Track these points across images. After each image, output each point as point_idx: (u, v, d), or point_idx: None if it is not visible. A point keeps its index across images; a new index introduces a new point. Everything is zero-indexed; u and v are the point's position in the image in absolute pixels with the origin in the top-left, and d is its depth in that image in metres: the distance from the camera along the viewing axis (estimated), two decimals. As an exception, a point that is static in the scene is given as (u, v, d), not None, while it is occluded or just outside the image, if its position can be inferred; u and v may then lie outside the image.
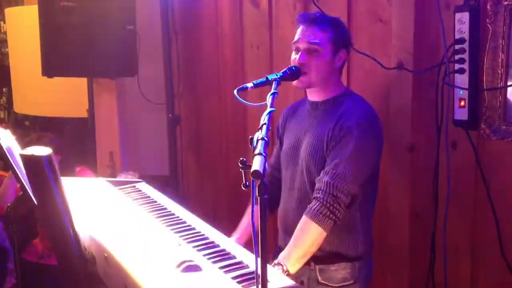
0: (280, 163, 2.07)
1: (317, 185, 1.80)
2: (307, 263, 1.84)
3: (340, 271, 1.88)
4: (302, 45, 1.87)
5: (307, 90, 1.97)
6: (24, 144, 2.86)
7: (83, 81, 3.48)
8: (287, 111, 2.12)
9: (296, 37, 1.90)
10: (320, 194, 1.77)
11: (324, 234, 1.76)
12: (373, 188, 1.96)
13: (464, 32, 1.95)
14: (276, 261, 1.71)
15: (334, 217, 1.75)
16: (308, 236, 1.76)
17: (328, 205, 1.74)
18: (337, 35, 1.88)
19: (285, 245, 1.87)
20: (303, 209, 1.84)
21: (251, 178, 1.19)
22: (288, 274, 1.68)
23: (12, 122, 5.39)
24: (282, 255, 1.75)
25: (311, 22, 1.87)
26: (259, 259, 1.22)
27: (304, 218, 1.77)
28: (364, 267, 1.93)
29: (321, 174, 1.81)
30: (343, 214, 1.78)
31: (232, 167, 3.35)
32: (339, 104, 1.90)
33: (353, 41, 2.03)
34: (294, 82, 1.88)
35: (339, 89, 1.95)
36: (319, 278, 1.89)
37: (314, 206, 1.76)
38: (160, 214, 1.85)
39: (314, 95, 1.96)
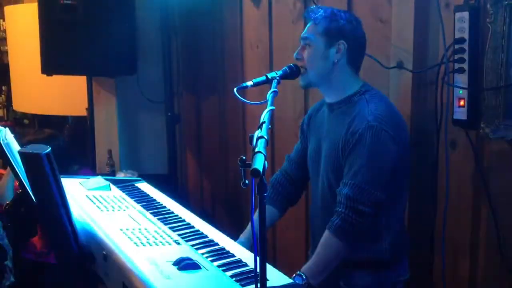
0: (299, 158, 2.06)
1: (338, 198, 1.74)
2: None
3: (363, 278, 1.82)
4: (300, 42, 1.87)
5: (320, 90, 1.92)
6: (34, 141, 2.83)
7: (82, 80, 3.47)
8: (312, 110, 2.05)
9: None
10: (341, 208, 1.71)
11: (347, 247, 1.72)
12: (399, 191, 1.85)
13: (464, 32, 1.95)
14: (298, 272, 1.70)
15: (356, 231, 1.70)
16: (330, 251, 1.73)
17: (350, 219, 1.69)
18: (329, 26, 1.79)
19: (311, 248, 1.90)
20: (326, 215, 1.80)
21: (251, 176, 1.19)
22: (309, 285, 1.66)
23: (11, 120, 5.39)
24: (304, 266, 1.73)
25: (307, 17, 1.87)
26: (258, 258, 1.22)
27: (326, 232, 1.74)
28: (392, 275, 1.85)
29: (341, 186, 1.74)
30: (367, 226, 1.71)
31: (231, 165, 3.35)
32: (353, 104, 1.80)
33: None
34: (299, 82, 1.87)
35: (353, 86, 1.83)
36: (341, 283, 1.85)
37: (336, 221, 1.71)
38: (159, 213, 1.85)
39: (327, 96, 1.90)
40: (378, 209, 1.72)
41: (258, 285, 1.21)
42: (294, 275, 1.68)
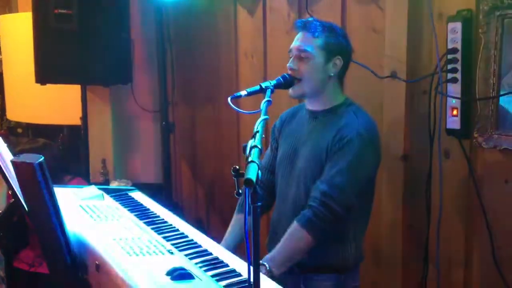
0: (271, 165, 2.06)
1: (312, 193, 1.78)
2: (292, 270, 1.83)
3: (324, 282, 1.86)
4: (294, 52, 1.87)
5: (307, 99, 1.94)
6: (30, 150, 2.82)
7: (76, 89, 3.47)
8: (285, 115, 2.08)
9: (291, 44, 1.90)
10: (314, 203, 1.75)
11: (313, 242, 1.75)
12: (368, 201, 1.92)
13: (457, 42, 1.97)
14: (260, 261, 1.69)
15: (325, 227, 1.74)
16: (296, 242, 1.75)
17: (321, 215, 1.73)
18: (329, 41, 1.84)
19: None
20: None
21: (244, 186, 1.19)
22: (272, 276, 1.67)
23: (4, 129, 5.37)
24: (267, 256, 1.75)
25: (304, 28, 1.86)
26: (251, 267, 1.22)
27: (295, 223, 1.76)
28: (350, 280, 1.90)
29: (317, 183, 1.78)
30: (334, 224, 1.76)
31: (225, 174, 3.34)
32: (339, 115, 1.86)
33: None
34: (289, 92, 1.88)
35: (338, 98, 1.90)
36: (302, 286, 1.87)
37: (307, 214, 1.75)
38: (153, 222, 1.84)
39: (312, 104, 1.93)
40: (347, 213, 1.77)
41: (252, 295, 1.21)
42: None
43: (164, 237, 1.69)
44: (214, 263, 1.52)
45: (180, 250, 1.59)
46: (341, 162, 1.76)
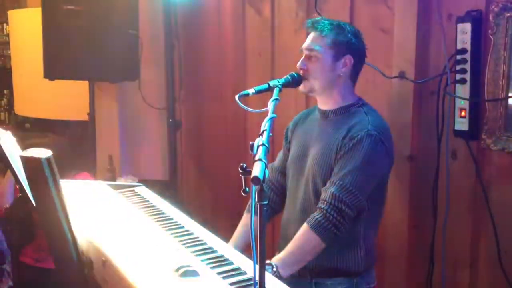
0: (283, 167, 2.05)
1: (322, 195, 1.76)
2: (304, 276, 1.83)
3: (336, 286, 1.85)
4: (304, 52, 1.87)
5: (317, 97, 1.94)
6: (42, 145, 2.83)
7: (84, 84, 3.48)
8: (298, 117, 2.07)
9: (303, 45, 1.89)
10: (324, 205, 1.73)
11: (323, 245, 1.73)
12: (379, 204, 1.89)
13: (466, 43, 1.96)
14: (268, 261, 1.69)
15: (336, 230, 1.72)
16: (305, 244, 1.74)
17: (331, 217, 1.71)
18: (338, 39, 1.82)
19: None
20: (306, 219, 1.81)
21: (251, 184, 1.19)
22: (278, 276, 1.66)
23: (12, 124, 5.40)
24: (276, 257, 1.74)
25: (312, 28, 1.86)
26: (257, 266, 1.22)
27: (305, 226, 1.75)
28: (363, 283, 1.88)
29: (328, 184, 1.76)
30: (347, 228, 1.74)
31: (232, 172, 3.35)
32: (350, 114, 1.84)
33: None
34: (299, 87, 1.87)
35: (350, 98, 1.88)
36: None
37: (317, 217, 1.73)
38: (159, 219, 1.85)
39: (323, 103, 1.92)
40: (358, 213, 1.76)
41: (257, 293, 1.21)
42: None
43: (171, 234, 1.69)
44: (220, 261, 1.53)
45: (186, 247, 1.59)
46: (350, 162, 1.74)
